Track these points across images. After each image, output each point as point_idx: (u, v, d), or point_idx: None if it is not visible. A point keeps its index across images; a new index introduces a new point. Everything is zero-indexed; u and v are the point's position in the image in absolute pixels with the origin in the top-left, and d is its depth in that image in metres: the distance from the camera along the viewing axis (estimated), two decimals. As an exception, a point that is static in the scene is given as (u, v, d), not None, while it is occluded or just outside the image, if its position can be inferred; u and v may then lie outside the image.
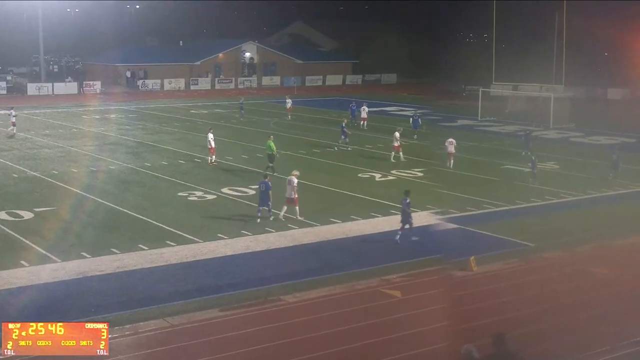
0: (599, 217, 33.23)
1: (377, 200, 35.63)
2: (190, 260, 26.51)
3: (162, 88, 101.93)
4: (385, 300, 22.75)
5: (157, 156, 48.15)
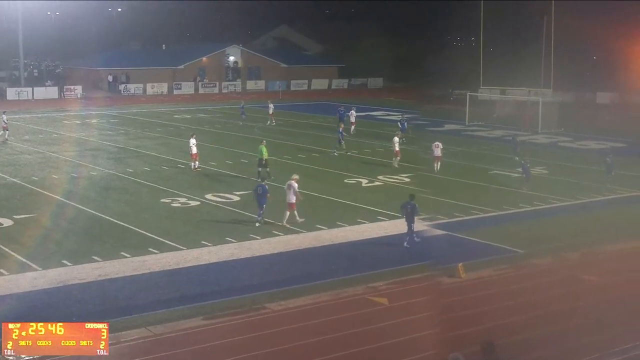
0: (588, 222, 33.33)
1: (364, 206, 35.62)
2: (174, 267, 26.41)
3: (145, 92, 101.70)
4: (371, 308, 22.71)
5: (139, 162, 48.01)
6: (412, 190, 34.19)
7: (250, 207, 35.14)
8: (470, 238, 30.68)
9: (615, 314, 22.24)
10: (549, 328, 21.20)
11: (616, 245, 29.59)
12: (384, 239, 30.44)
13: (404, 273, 25.82)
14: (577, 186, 40.80)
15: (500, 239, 30.26)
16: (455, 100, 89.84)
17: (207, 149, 50.99)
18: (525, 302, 23.24)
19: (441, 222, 32.96)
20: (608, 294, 24.03)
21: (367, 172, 44.04)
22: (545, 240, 29.99)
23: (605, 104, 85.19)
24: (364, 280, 25.10)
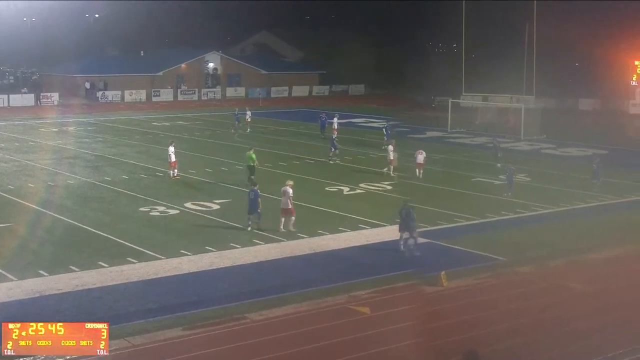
0: (571, 230, 33.45)
1: (345, 214, 35.62)
2: (152, 277, 26.31)
3: (123, 100, 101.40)
4: (353, 318, 22.69)
5: (117, 170, 47.84)
6: (394, 198, 34.35)
7: (230, 215, 35.13)
8: (453, 246, 30.74)
9: (601, 322, 22.33)
10: (532, 337, 21.25)
11: (601, 252, 29.71)
12: (366, 248, 30.45)
13: (386, 282, 25.83)
14: (560, 193, 40.98)
15: (483, 246, 30.33)
16: (437, 107, 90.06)
17: (187, 156, 50.88)
18: (509, 310, 23.29)
19: (423, 230, 32.92)
20: (593, 302, 24.12)
21: (348, 180, 44.05)
22: (528, 248, 30.10)
23: (588, 110, 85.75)
24: (345, 289, 25.08)
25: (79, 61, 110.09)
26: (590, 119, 78.10)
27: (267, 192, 40.14)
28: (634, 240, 31.40)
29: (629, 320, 22.60)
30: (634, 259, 29.19)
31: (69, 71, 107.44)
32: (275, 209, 33.52)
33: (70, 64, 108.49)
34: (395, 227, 31.57)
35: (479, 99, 79.00)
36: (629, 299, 24.43)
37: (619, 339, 21.03)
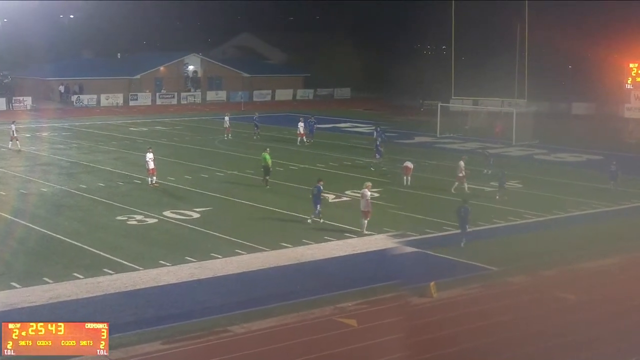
0: (565, 238, 33.58)
1: (331, 222, 35.63)
2: (130, 289, 26.25)
3: (99, 104, 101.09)
4: (340, 330, 22.71)
5: (93, 177, 47.71)
6: (381, 206, 34.51)
7: (211, 224, 35.12)
8: (442, 255, 30.81)
9: (596, 334, 22.43)
10: (525, 349, 21.33)
11: (594, 261, 29.87)
12: (353, 257, 30.49)
13: (373, 293, 25.86)
14: (554, 200, 41.13)
15: (474, 256, 30.41)
16: (426, 111, 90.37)
17: (166, 163, 50.81)
18: (500, 322, 23.36)
19: (412, 238, 33.06)
20: (586, 313, 24.22)
21: (334, 187, 43.99)
22: (520, 258, 30.20)
23: (581, 114, 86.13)
24: (331, 300, 25.10)
25: (53, 64, 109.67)
26: (584, 123, 78.46)
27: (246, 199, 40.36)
28: (628, 249, 31.59)
29: (624, 331, 22.72)
30: (628, 268, 29.35)
31: (42, 74, 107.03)
32: (252, 221, 33.51)
33: (44, 67, 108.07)
34: (380, 237, 31.80)
35: (469, 103, 79.28)
36: (624, 310, 24.55)
37: (615, 352, 21.14)
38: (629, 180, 45.81)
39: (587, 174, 49.27)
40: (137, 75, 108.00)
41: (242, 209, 39.00)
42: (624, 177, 44.75)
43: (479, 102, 78.74)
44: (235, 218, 36.99)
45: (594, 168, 49.93)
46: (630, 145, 64.06)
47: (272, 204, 39.72)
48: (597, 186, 44.15)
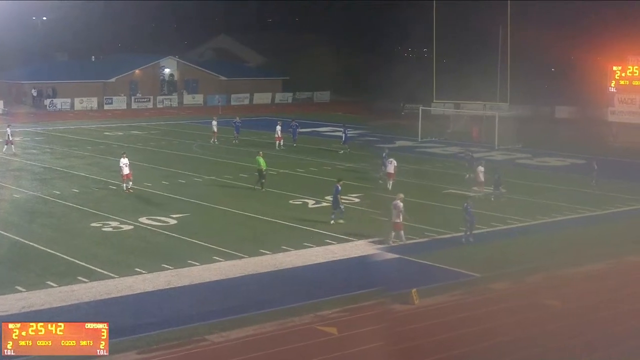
0: (549, 244, 33.70)
1: (311, 229, 35.65)
2: (105, 297, 26.14)
3: (73, 108, 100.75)
4: (320, 338, 22.69)
5: (67, 183, 47.51)
6: (362, 212, 34.63)
7: (188, 230, 35.04)
8: (424, 262, 30.86)
9: (581, 341, 22.51)
10: (508, 357, 21.37)
11: (579, 267, 29.99)
12: (333, 264, 30.50)
13: (354, 300, 25.86)
14: (537, 205, 41.29)
15: (456, 262, 30.48)
16: (407, 114, 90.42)
17: (142, 168, 50.64)
18: (484, 329, 23.40)
19: (393, 245, 33.07)
20: (571, 320, 24.31)
21: (313, 192, 44.06)
22: (503, 264, 30.29)
23: (564, 118, 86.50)
24: (311, 308, 25.09)
25: (25, 66, 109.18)
26: (568, 127, 78.78)
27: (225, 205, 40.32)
28: (612, 254, 31.74)
29: (611, 338, 22.82)
30: (612, 274, 29.50)
31: (14, 77, 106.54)
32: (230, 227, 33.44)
33: (16, 70, 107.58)
34: (361, 243, 31.87)
35: (450, 107, 79.44)
36: (609, 316, 24.67)
37: (604, 358, 21.23)
38: (612, 184, 46.10)
39: (570, 178, 49.51)
40: (112, 79, 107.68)
41: (220, 215, 38.95)
42: (605, 181, 45.00)
43: (460, 105, 78.91)
44: (213, 224, 36.93)
45: (578, 172, 50.14)
46: (615, 149, 64.41)
47: (250, 210, 39.67)
48: (581, 191, 44.38)
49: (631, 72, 69.02)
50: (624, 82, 69.78)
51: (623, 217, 39.58)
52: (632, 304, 25.91)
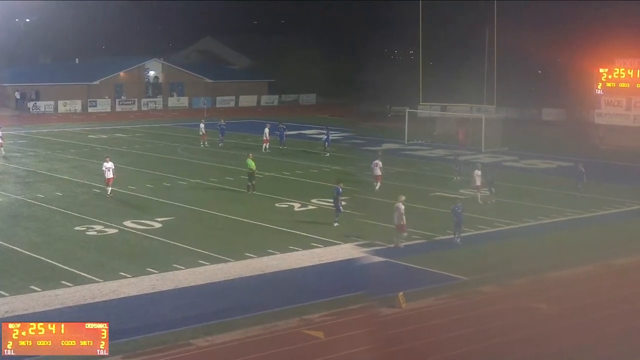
0: (536, 247, 33.77)
1: (297, 232, 35.64)
2: (89, 302, 26.07)
3: (56, 110, 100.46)
4: (306, 342, 22.68)
5: (50, 186, 47.36)
6: (348, 214, 34.70)
7: (173, 234, 34.97)
8: (411, 265, 30.88)
9: (569, 345, 22.56)
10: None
11: (566, 270, 30.07)
12: (319, 267, 30.50)
13: (340, 304, 25.85)
14: (524, 208, 41.37)
15: (443, 265, 30.51)
16: (394, 117, 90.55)
17: (126, 171, 50.53)
18: (471, 333, 23.43)
19: (380, 248, 33.11)
20: (559, 323, 24.36)
21: (299, 196, 44.07)
22: (490, 267, 30.34)
23: (551, 120, 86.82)
24: (297, 312, 25.07)
25: (9, 69, 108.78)
26: (554, 129, 79.03)
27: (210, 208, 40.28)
28: (599, 257, 31.83)
29: (598, 342, 22.88)
30: (599, 277, 29.59)
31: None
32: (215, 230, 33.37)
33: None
34: (347, 246, 31.88)
35: (437, 109, 79.49)
36: (596, 319, 24.73)
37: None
38: (599, 187, 46.25)
39: (557, 180, 49.62)
40: (96, 81, 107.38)
41: (206, 219, 38.89)
42: (592, 184, 45.12)
43: (447, 108, 79.03)
44: (198, 228, 36.87)
45: (565, 175, 50.27)
46: (602, 152, 64.63)
47: (236, 213, 39.63)
48: (567, 193, 44.48)
49: (618, 74, 69.21)
50: (610, 85, 69.99)
51: (610, 220, 39.69)
52: (619, 307, 25.99)
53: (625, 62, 68.82)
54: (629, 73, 68.49)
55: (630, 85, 68.62)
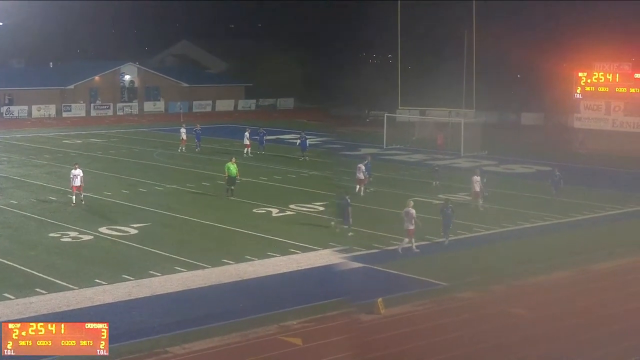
0: (515, 252, 33.88)
1: (275, 238, 35.60)
2: (64, 309, 25.94)
3: (30, 115, 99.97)
4: (284, 349, 22.67)
5: (24, 192, 47.12)
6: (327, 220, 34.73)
7: (149, 240, 34.87)
8: (390, 271, 30.92)
9: (546, 350, 22.66)
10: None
11: (545, 276, 30.20)
12: (297, 274, 30.49)
13: (318, 310, 25.85)
14: (503, 213, 41.52)
15: (422, 271, 30.56)
16: (372, 121, 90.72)
17: (102, 177, 50.39)
18: (450, 339, 23.49)
19: (358, 253, 33.13)
20: (538, 329, 24.47)
21: (277, 201, 44.04)
22: (470, 272, 30.41)
23: (531, 124, 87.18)
24: (275, 319, 25.05)
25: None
26: (534, 133, 79.38)
27: (187, 214, 40.23)
28: (578, 262, 32.01)
29: (576, 347, 22.99)
30: (578, 282, 29.74)
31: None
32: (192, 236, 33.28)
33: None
34: (325, 252, 31.89)
35: (416, 113, 79.76)
36: (576, 325, 24.86)
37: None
38: (579, 191, 46.53)
39: (536, 185, 49.81)
40: (71, 85, 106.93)
41: (182, 225, 38.81)
42: (571, 188, 45.35)
43: (426, 112, 79.28)
44: (175, 234, 36.78)
45: (544, 179, 50.46)
46: (581, 156, 64.99)
47: (213, 219, 39.57)
48: (547, 198, 44.65)
49: (597, 78, 69.68)
50: (589, 89, 70.43)
51: (589, 225, 39.92)
52: (598, 312, 26.14)
53: (604, 65, 69.29)
54: (608, 77, 68.99)
55: (609, 89, 69.13)
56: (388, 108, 77.28)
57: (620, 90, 68.57)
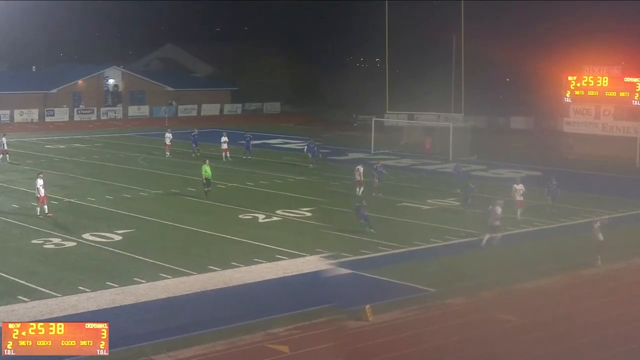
0: (504, 257, 33.94)
1: (261, 244, 35.59)
2: (47, 317, 25.80)
3: (12, 120, 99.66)
4: (271, 357, 22.68)
5: (6, 198, 47.00)
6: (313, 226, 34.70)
7: (133, 247, 34.81)
8: (378, 277, 30.95)
9: (536, 357, 22.71)
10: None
11: (534, 281, 30.29)
12: (284, 280, 30.48)
13: (306, 317, 25.86)
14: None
15: (411, 277, 30.60)
16: (360, 126, 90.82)
17: (85, 182, 50.31)
18: (439, 346, 23.53)
19: (346, 260, 33.15)
20: (527, 335, 24.53)
21: (264, 207, 44.00)
22: (458, 278, 30.47)
23: (520, 129, 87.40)
24: (262, 326, 25.05)
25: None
26: (523, 138, 79.59)
27: (172, 220, 40.22)
28: (567, 268, 32.11)
29: (567, 354, 23.06)
30: (567, 288, 29.81)
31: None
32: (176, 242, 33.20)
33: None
34: (312, 258, 31.93)
35: (404, 118, 79.81)
36: (566, 331, 24.93)
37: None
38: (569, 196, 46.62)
39: (526, 190, 49.85)
40: (54, 90, 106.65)
41: (167, 231, 38.76)
42: (563, 193, 45.39)
43: (414, 116, 79.37)
44: (159, 240, 36.72)
45: (533, 184, 50.53)
46: (570, 161, 65.16)
47: (199, 224, 39.52)
48: (536, 203, 44.71)
49: (586, 82, 69.84)
50: (579, 93, 70.58)
51: (578, 230, 39.95)
52: (587, 318, 26.21)
53: (593, 69, 69.46)
54: (597, 81, 69.17)
55: (599, 93, 69.29)
56: (376, 112, 77.38)
57: (610, 94, 68.70)
